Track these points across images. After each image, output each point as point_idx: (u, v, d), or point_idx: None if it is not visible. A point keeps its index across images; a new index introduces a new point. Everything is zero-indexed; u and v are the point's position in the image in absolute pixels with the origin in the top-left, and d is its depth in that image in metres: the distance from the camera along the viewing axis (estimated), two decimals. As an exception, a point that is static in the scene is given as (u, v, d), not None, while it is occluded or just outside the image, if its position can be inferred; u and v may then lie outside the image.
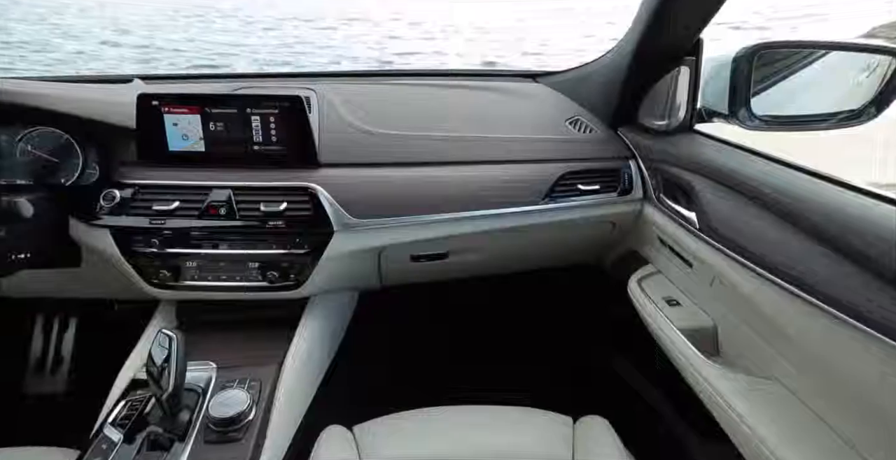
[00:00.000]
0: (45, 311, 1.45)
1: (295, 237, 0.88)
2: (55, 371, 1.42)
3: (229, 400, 0.70)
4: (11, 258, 0.80)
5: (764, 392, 0.64)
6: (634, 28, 0.84)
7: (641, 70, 0.88)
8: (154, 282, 0.89)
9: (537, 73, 1.28)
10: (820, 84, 0.91)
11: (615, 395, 1.13)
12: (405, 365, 1.30)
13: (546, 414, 0.85)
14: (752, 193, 0.67)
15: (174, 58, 4.99)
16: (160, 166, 0.90)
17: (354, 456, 0.76)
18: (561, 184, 0.94)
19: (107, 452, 0.66)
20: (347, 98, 1.04)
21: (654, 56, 0.84)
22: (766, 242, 0.62)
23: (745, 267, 0.65)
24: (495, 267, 1.13)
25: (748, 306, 0.68)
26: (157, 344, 0.69)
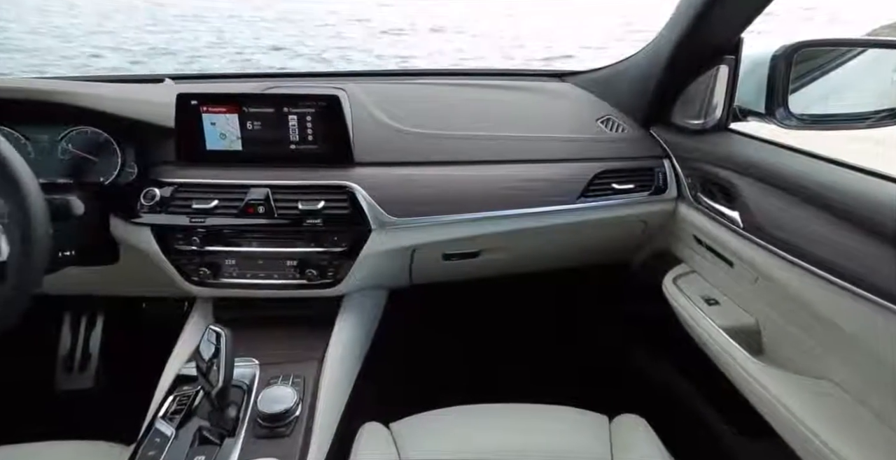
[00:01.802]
0: (73, 310, 1.47)
1: (333, 235, 0.88)
2: (84, 367, 1.44)
3: (277, 396, 0.71)
4: (59, 255, 0.81)
5: (818, 391, 0.64)
6: (673, 26, 0.84)
7: (679, 68, 0.88)
8: (194, 280, 0.90)
9: (563, 72, 1.28)
10: (858, 82, 0.91)
11: (648, 394, 1.13)
12: (434, 363, 1.31)
13: (581, 413, 0.85)
14: (799, 191, 0.67)
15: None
16: (197, 165, 0.91)
17: (394, 453, 0.77)
18: (595, 183, 0.95)
19: (161, 446, 0.67)
20: (377, 97, 1.05)
21: (693, 54, 0.84)
22: (818, 240, 0.62)
23: (795, 265, 0.65)
24: (524, 266, 1.13)
25: (797, 305, 0.68)
26: (205, 340, 0.70)
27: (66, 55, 4.74)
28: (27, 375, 1.38)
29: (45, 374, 1.40)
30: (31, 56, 4.52)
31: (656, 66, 0.92)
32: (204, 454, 0.66)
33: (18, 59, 4.67)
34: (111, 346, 1.45)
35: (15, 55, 4.54)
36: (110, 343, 1.46)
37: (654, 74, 0.93)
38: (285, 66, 4.89)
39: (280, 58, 5.34)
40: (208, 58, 4.98)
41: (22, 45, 5.12)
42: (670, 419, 0.85)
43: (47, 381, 1.40)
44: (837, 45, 0.87)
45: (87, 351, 1.45)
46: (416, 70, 1.27)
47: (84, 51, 5.05)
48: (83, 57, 4.86)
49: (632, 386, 1.20)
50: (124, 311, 1.48)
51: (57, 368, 1.42)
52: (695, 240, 0.94)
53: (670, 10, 0.88)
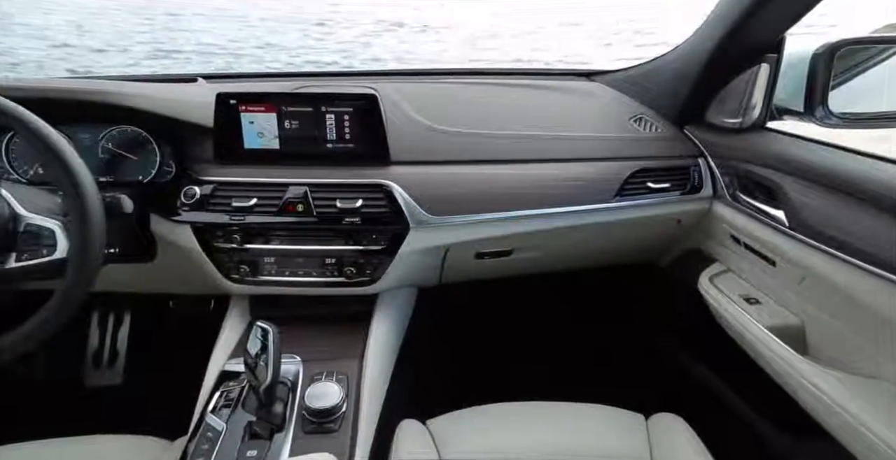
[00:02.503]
0: (101, 307, 1.49)
1: (371, 233, 0.89)
2: (112, 364, 1.45)
3: (324, 392, 0.72)
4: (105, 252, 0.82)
5: (872, 390, 0.64)
6: (716, 25, 0.84)
7: (719, 67, 0.88)
8: (233, 277, 0.91)
9: (591, 71, 1.28)
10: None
11: (682, 392, 1.13)
12: (462, 361, 1.31)
13: (617, 412, 0.85)
14: (849, 189, 0.67)
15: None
16: (235, 164, 0.92)
17: (432, 450, 0.77)
18: (631, 182, 0.95)
19: (213, 440, 0.68)
20: (410, 96, 1.05)
21: (735, 53, 0.84)
22: (870, 237, 0.62)
23: (846, 263, 0.64)
24: (555, 265, 1.13)
25: (847, 303, 0.68)
26: (253, 336, 0.70)
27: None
28: (56, 372, 1.40)
29: (74, 371, 1.42)
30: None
31: (693, 64, 0.92)
32: (256, 448, 0.66)
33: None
34: (138, 344, 1.47)
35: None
36: (137, 340, 1.47)
37: (691, 73, 0.93)
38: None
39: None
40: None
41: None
42: (707, 418, 0.85)
43: (76, 378, 1.41)
44: (879, 44, 0.87)
45: (114, 349, 1.47)
46: (444, 69, 1.27)
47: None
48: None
49: (665, 384, 1.20)
50: (151, 309, 1.49)
51: (85, 365, 1.43)
52: (731, 239, 0.94)
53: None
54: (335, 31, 6.13)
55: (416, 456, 0.75)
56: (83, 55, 4.58)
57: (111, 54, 4.73)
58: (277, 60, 4.88)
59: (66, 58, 4.40)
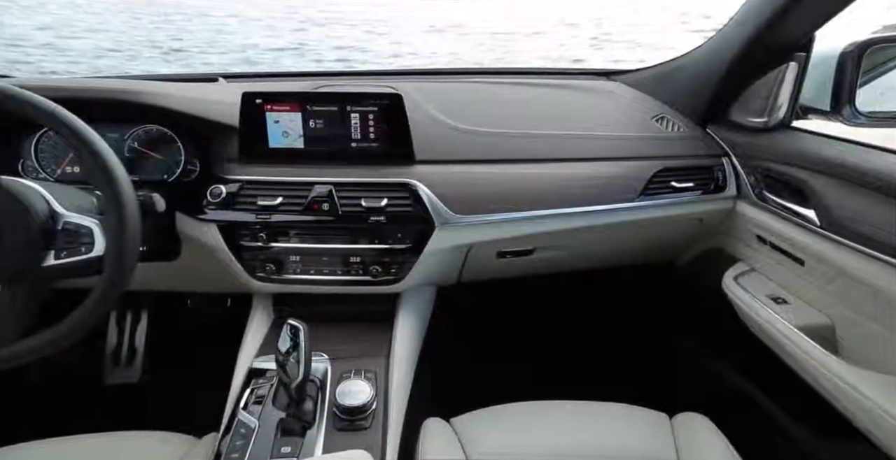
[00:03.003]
0: (119, 306, 1.50)
1: (396, 232, 0.89)
2: (130, 362, 1.46)
3: (355, 390, 0.72)
4: None
5: None
6: (745, 23, 0.83)
7: (747, 66, 0.87)
8: (259, 276, 0.92)
9: (610, 71, 1.28)
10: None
11: (703, 391, 1.13)
12: (481, 360, 1.31)
13: (641, 410, 0.85)
14: (884, 188, 0.67)
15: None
16: (260, 162, 0.92)
17: (458, 448, 0.78)
18: (655, 181, 0.95)
19: (247, 436, 0.68)
20: (431, 96, 1.06)
21: (764, 51, 0.84)
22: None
23: (882, 262, 0.64)
24: (575, 264, 1.13)
25: (882, 302, 0.67)
26: (283, 334, 0.71)
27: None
28: (75, 370, 1.41)
29: (93, 369, 1.43)
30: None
31: (719, 63, 0.91)
32: (290, 445, 0.67)
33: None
34: (156, 342, 1.48)
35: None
36: (155, 338, 1.48)
37: (716, 72, 0.93)
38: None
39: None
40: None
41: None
42: (731, 417, 0.85)
43: (95, 376, 1.43)
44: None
45: (132, 347, 1.48)
46: (463, 69, 1.27)
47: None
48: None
49: (685, 383, 1.20)
50: (168, 307, 1.50)
51: (104, 363, 1.44)
52: (757, 239, 0.93)
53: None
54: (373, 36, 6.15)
55: (443, 455, 0.76)
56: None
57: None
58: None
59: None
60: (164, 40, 5.60)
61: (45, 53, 4.62)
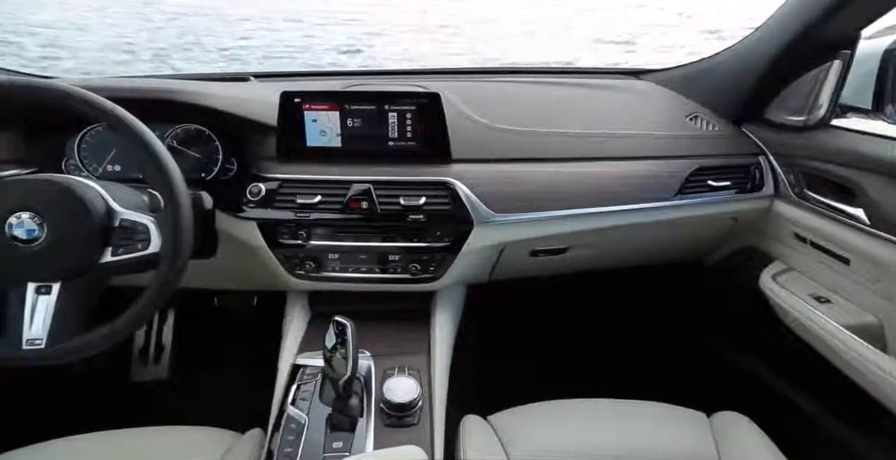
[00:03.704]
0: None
1: (435, 230, 0.90)
2: (158, 359, 1.48)
3: (403, 386, 0.73)
4: None
5: None
6: (788, 21, 0.83)
7: (790, 63, 0.87)
8: (298, 274, 0.92)
9: (639, 70, 1.27)
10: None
11: (737, 390, 1.12)
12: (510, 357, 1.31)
13: (678, 409, 0.85)
14: None
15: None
16: (297, 161, 0.93)
17: (497, 445, 0.78)
18: (691, 180, 0.95)
19: (297, 431, 0.69)
20: (464, 95, 1.06)
21: (809, 49, 0.84)
22: None
23: None
24: (607, 262, 1.13)
25: None
26: (330, 331, 0.72)
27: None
28: (103, 368, 1.42)
29: (121, 367, 1.45)
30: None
31: (758, 61, 0.91)
32: (341, 440, 0.68)
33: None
34: (183, 339, 1.49)
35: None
36: (182, 336, 1.50)
37: (755, 70, 0.92)
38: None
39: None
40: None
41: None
42: (769, 416, 0.84)
43: (123, 374, 1.44)
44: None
45: (160, 344, 1.49)
46: (493, 68, 1.28)
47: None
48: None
49: (718, 382, 1.20)
50: (195, 305, 1.51)
51: (132, 361, 1.46)
52: (795, 238, 0.93)
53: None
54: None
55: (484, 453, 0.76)
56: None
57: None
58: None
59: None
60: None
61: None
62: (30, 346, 0.63)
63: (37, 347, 0.64)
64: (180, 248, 0.66)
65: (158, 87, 0.90)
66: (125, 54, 4.81)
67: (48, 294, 0.65)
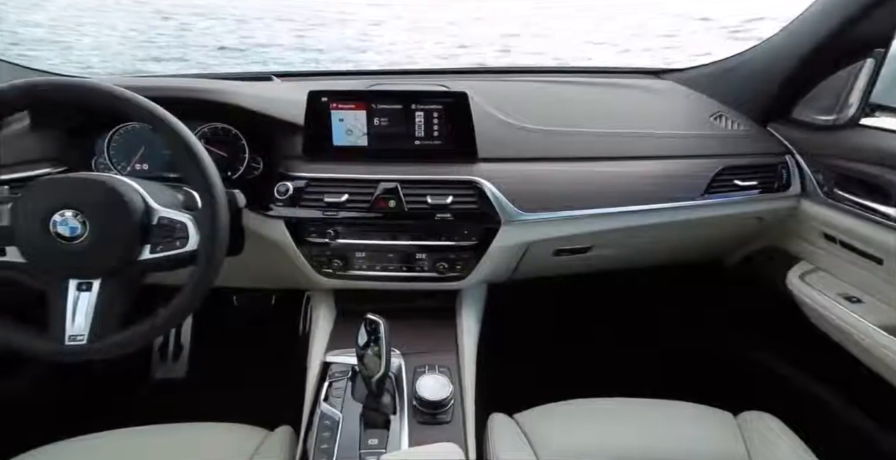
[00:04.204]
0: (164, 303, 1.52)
1: (462, 229, 0.90)
2: (177, 358, 1.49)
3: (436, 384, 0.73)
4: None
5: None
6: (822, 19, 0.83)
7: (821, 61, 0.87)
8: (326, 272, 0.92)
9: (659, 69, 1.27)
10: None
11: (762, 389, 1.12)
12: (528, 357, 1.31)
13: (705, 409, 0.85)
14: None
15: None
16: (323, 160, 0.93)
17: (526, 445, 0.78)
18: (718, 179, 0.94)
19: (332, 428, 0.69)
20: (486, 94, 1.06)
21: (843, 47, 0.83)
22: None
23: None
24: (629, 262, 1.13)
25: None
26: (362, 328, 0.72)
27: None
28: (124, 366, 1.43)
29: (141, 365, 1.46)
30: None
31: (787, 59, 0.91)
32: (376, 437, 0.68)
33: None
34: (202, 337, 1.50)
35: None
36: (200, 334, 1.51)
37: (783, 68, 0.92)
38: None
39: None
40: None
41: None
42: (795, 415, 0.84)
43: (143, 371, 1.45)
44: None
45: (178, 343, 1.51)
46: (513, 67, 1.28)
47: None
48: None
49: (742, 381, 1.19)
50: (214, 304, 1.52)
51: (152, 359, 1.47)
52: (824, 237, 0.93)
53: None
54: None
55: (512, 452, 0.76)
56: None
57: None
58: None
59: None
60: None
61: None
62: (72, 342, 0.64)
63: (79, 343, 0.64)
64: (218, 246, 0.67)
65: (191, 86, 0.91)
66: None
67: (89, 291, 0.65)
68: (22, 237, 0.63)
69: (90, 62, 4.53)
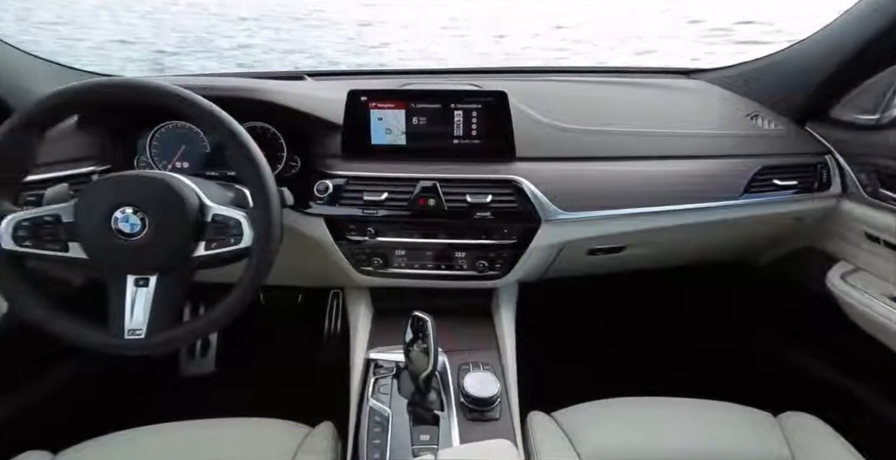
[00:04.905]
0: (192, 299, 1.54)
1: (502, 228, 0.90)
2: (204, 354, 1.50)
3: (484, 381, 0.73)
4: None
5: None
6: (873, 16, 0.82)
7: (867, 60, 0.86)
8: (365, 270, 0.93)
9: (689, 69, 1.27)
10: None
11: (800, 390, 1.11)
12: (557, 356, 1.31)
13: (744, 409, 0.84)
14: None
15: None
16: (361, 159, 0.94)
17: (566, 443, 0.78)
18: (758, 179, 0.94)
19: (382, 424, 0.70)
20: (520, 93, 1.06)
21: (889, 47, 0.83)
22: None
23: None
24: (663, 261, 1.13)
25: None
26: (409, 326, 0.72)
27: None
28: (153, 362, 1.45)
29: (171, 361, 1.47)
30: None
31: (828, 58, 0.90)
32: (427, 433, 0.68)
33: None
34: (229, 334, 1.51)
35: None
36: (228, 331, 1.52)
37: (824, 69, 0.91)
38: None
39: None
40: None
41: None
42: (835, 416, 0.83)
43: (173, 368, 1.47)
44: None
45: (206, 340, 1.52)
46: (543, 67, 1.28)
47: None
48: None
49: (778, 382, 1.18)
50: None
51: (181, 355, 1.49)
52: (866, 237, 0.92)
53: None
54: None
55: (552, 450, 0.76)
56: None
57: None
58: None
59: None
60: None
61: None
62: (131, 336, 0.65)
63: (138, 337, 0.65)
64: (272, 243, 0.68)
65: (238, 85, 0.92)
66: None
67: (146, 286, 0.67)
68: (85, 233, 0.65)
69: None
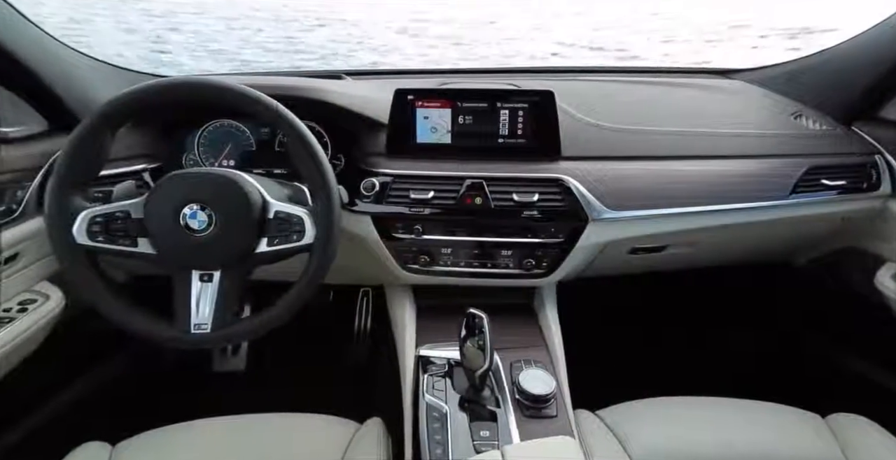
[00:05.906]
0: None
1: (550, 227, 0.90)
2: (236, 352, 1.52)
3: (540, 378, 0.73)
4: None
5: None
6: None
7: None
8: (412, 267, 0.94)
9: (727, 69, 1.27)
10: None
11: (847, 391, 1.10)
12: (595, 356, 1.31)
13: (792, 410, 0.84)
14: None
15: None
16: (406, 157, 0.94)
17: (615, 442, 0.78)
18: (805, 178, 0.93)
19: (441, 420, 0.70)
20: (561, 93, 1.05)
21: None
22: None
23: None
24: (703, 261, 1.12)
25: None
26: (464, 323, 0.73)
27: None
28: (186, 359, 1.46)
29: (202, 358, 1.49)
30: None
31: (878, 59, 0.90)
32: (486, 430, 0.69)
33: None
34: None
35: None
36: None
37: (875, 67, 0.91)
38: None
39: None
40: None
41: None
42: (888, 417, 0.82)
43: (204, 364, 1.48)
44: None
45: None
46: (582, 67, 1.28)
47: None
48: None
49: (822, 382, 1.17)
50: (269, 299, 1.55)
51: (213, 352, 1.50)
52: None
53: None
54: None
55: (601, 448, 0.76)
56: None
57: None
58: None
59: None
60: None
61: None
62: (197, 330, 0.66)
63: (204, 332, 0.66)
64: (334, 239, 0.68)
65: (293, 84, 0.93)
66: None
67: (210, 281, 0.68)
68: (154, 229, 0.66)
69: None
